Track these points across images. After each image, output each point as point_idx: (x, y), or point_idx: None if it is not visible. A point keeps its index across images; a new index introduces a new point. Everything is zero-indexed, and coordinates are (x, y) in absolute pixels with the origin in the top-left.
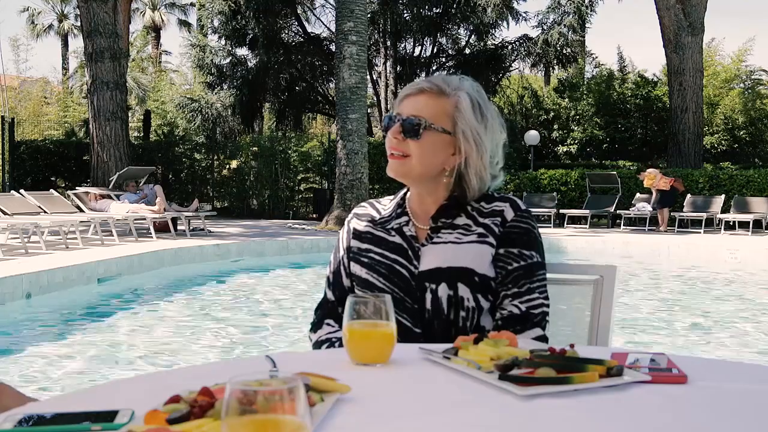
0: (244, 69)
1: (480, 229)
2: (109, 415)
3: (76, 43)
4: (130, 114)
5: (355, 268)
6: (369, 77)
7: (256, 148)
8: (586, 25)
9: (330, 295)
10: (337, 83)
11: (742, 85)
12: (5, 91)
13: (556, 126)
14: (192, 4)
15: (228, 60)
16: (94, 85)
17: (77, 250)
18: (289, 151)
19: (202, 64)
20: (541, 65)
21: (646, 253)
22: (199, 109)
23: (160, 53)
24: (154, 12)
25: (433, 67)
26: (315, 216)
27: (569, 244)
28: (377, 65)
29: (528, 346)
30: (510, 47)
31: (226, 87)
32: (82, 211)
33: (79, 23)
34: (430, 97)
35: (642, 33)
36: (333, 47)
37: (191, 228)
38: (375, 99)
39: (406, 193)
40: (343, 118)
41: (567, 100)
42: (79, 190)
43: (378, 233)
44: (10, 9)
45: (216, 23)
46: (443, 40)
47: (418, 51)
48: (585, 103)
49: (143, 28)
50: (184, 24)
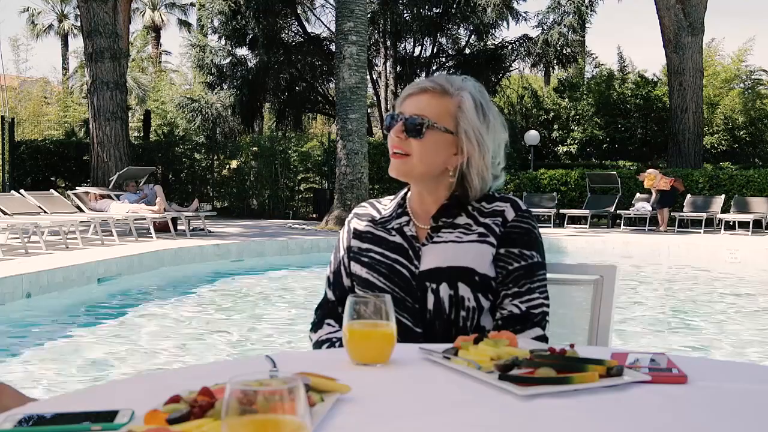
0: (244, 69)
1: (481, 229)
2: (109, 415)
3: (76, 43)
4: (130, 114)
5: (356, 268)
6: (369, 77)
7: (256, 148)
8: (586, 25)
9: (330, 295)
10: (337, 83)
11: (742, 85)
12: (5, 91)
13: (556, 126)
14: (192, 4)
15: (228, 60)
16: (94, 85)
17: (77, 250)
18: (289, 151)
19: (202, 64)
20: (541, 65)
21: (646, 253)
22: (199, 109)
23: (160, 53)
24: (154, 12)
25: (433, 67)
26: (315, 216)
27: (569, 244)
28: (377, 65)
29: (528, 346)
30: (510, 47)
31: (226, 87)
32: (82, 211)
33: (79, 23)
34: (434, 97)
35: (642, 33)
36: (333, 47)
37: (191, 228)
38: (375, 99)
39: (406, 193)
40: (343, 118)
41: (567, 100)
42: (79, 190)
43: (378, 233)
44: (10, 9)
45: (216, 23)
46: (443, 40)
47: (418, 51)
48: (585, 103)
49: (143, 28)
50: (184, 24)
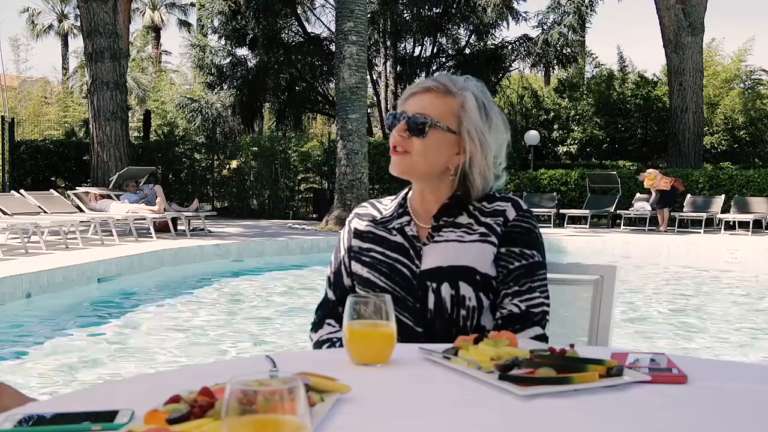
0: (244, 69)
1: (482, 229)
2: (109, 415)
3: (76, 43)
4: (130, 114)
5: (357, 268)
6: (369, 77)
7: (256, 148)
8: (586, 25)
9: (331, 294)
10: (337, 83)
11: (742, 85)
12: (5, 91)
13: (556, 126)
14: (192, 4)
15: (228, 60)
16: (94, 85)
17: (77, 250)
18: (289, 151)
19: (202, 64)
20: (541, 65)
21: (646, 253)
22: (199, 109)
23: (160, 53)
24: (154, 12)
25: (433, 67)
26: (315, 216)
27: (569, 244)
28: (377, 65)
29: (528, 346)
30: (510, 47)
31: (226, 87)
32: (82, 211)
33: (79, 23)
34: (437, 96)
35: (642, 33)
36: (333, 47)
37: (191, 228)
38: (375, 99)
39: (407, 193)
40: (343, 118)
41: (567, 100)
42: (79, 190)
43: (379, 232)
44: (10, 9)
45: (216, 23)
46: (443, 40)
47: (418, 51)
48: (585, 103)
49: (143, 28)
50: (184, 24)
